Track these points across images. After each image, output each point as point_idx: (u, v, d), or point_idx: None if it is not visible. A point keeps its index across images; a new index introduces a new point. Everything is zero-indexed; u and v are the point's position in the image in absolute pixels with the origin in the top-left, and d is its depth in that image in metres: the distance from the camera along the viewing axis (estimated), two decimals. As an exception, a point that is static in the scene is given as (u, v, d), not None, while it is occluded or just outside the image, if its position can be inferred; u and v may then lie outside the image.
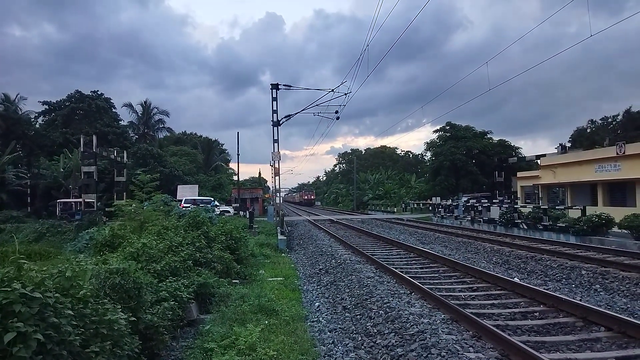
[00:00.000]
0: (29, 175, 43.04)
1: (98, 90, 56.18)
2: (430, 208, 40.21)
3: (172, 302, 6.64)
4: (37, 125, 53.05)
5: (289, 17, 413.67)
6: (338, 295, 9.54)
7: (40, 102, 54.44)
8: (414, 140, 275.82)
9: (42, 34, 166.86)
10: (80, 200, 34.92)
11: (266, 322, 7.35)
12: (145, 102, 66.72)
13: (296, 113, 30.39)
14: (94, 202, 33.99)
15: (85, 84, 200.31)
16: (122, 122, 59.74)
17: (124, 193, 36.32)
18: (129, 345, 4.47)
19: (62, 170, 42.95)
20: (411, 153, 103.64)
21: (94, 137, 35.43)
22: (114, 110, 57.56)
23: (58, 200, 36.80)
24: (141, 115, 65.89)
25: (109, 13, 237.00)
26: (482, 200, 31.87)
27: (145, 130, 66.43)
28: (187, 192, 43.85)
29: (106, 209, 31.98)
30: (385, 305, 7.66)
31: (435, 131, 56.68)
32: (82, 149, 34.43)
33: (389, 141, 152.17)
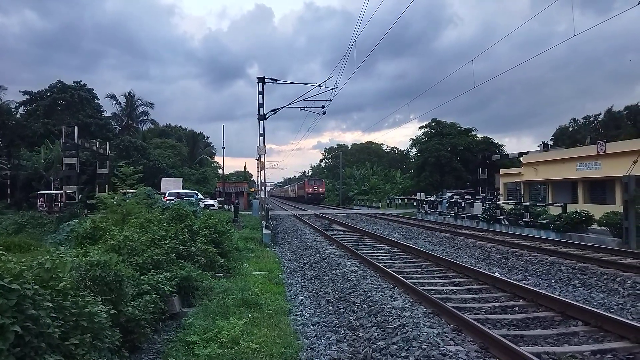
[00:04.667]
0: (9, 166, 42.19)
1: (81, 81, 55.25)
2: (415, 204, 40.50)
3: (154, 295, 6.59)
4: (18, 116, 51.99)
5: (279, 9, 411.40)
6: (322, 289, 9.57)
7: (21, 91, 53.54)
8: (400, 136, 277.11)
9: (23, 21, 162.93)
10: (61, 192, 34.36)
11: (249, 315, 7.34)
12: (129, 94, 65.88)
13: (282, 107, 30.25)
14: (75, 194, 33.48)
15: (68, 74, 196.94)
16: (105, 114, 58.91)
17: (106, 185, 35.84)
18: (110, 337, 4.44)
19: (43, 161, 42.16)
20: (397, 149, 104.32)
21: (76, 128, 34.81)
22: (96, 101, 56.70)
23: (39, 192, 36.17)
24: (125, 106, 65.01)
25: (93, 1, 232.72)
26: (466, 197, 32.20)
27: (129, 122, 65.58)
28: (171, 185, 43.47)
29: (88, 201, 31.56)
30: (368, 299, 7.71)
31: (421, 128, 57.13)
32: (63, 140, 33.79)
33: (376, 137, 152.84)
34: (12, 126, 46.78)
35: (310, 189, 67.25)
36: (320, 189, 68.00)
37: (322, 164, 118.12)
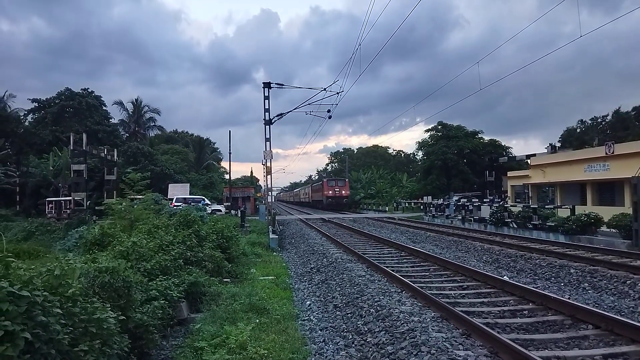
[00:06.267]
0: (18, 173, 42.61)
1: (88, 88, 55.83)
2: (422, 207, 40.40)
3: (162, 301, 6.62)
4: (27, 123, 52.58)
5: (284, 13, 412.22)
6: (329, 294, 9.55)
7: (29, 99, 54.07)
8: (407, 139, 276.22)
9: (31, 29, 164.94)
10: (69, 198, 34.60)
11: (257, 320, 7.34)
12: (136, 100, 66.40)
13: (288, 112, 30.28)
14: (83, 200, 33.69)
15: (76, 81, 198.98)
16: (112, 120, 59.45)
17: (114, 192, 36.05)
18: (118, 344, 4.44)
19: (51, 168, 42.56)
20: (403, 152, 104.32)
21: (84, 135, 35.11)
22: (104, 108, 57.22)
23: (47, 199, 36.46)
24: (132, 113, 65.51)
25: (100, 8, 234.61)
26: (473, 200, 32.07)
27: (136, 129, 66.02)
28: (178, 191, 43.63)
29: (96, 208, 31.77)
30: (376, 304, 7.68)
31: (427, 130, 57.02)
32: (71, 147, 34.06)
33: (382, 140, 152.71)
34: (20, 134, 47.30)
35: (331, 192, 54.28)
36: (344, 192, 54.89)
37: (328, 168, 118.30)
